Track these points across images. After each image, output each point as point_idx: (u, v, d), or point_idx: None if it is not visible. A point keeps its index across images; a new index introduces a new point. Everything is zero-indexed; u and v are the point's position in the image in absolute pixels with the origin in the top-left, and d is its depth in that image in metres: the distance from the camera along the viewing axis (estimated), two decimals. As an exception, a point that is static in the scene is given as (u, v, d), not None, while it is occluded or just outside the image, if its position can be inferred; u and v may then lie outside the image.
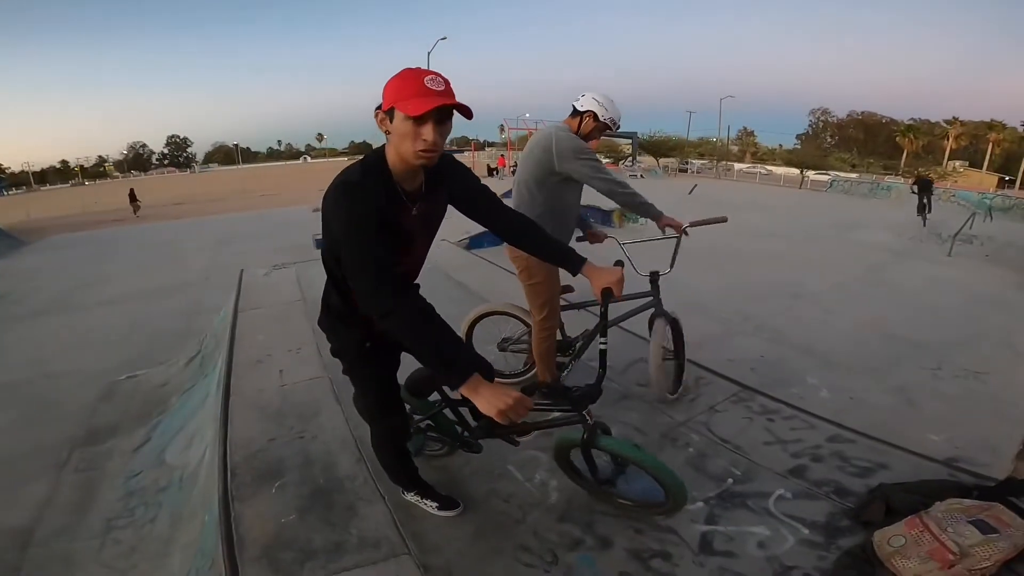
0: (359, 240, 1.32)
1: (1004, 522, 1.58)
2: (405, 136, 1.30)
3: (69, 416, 4.28)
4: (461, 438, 2.04)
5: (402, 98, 1.27)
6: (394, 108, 1.29)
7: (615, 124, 2.57)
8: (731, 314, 6.78)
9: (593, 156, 2.54)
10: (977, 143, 52.38)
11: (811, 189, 29.33)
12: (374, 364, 1.70)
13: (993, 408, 4.56)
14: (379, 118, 1.34)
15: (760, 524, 1.95)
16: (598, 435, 1.76)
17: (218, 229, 15.66)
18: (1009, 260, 10.59)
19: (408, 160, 1.35)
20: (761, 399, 2.91)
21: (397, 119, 1.29)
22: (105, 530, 2.89)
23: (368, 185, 1.35)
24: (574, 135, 2.52)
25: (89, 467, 3.53)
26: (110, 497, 3.19)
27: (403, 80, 1.28)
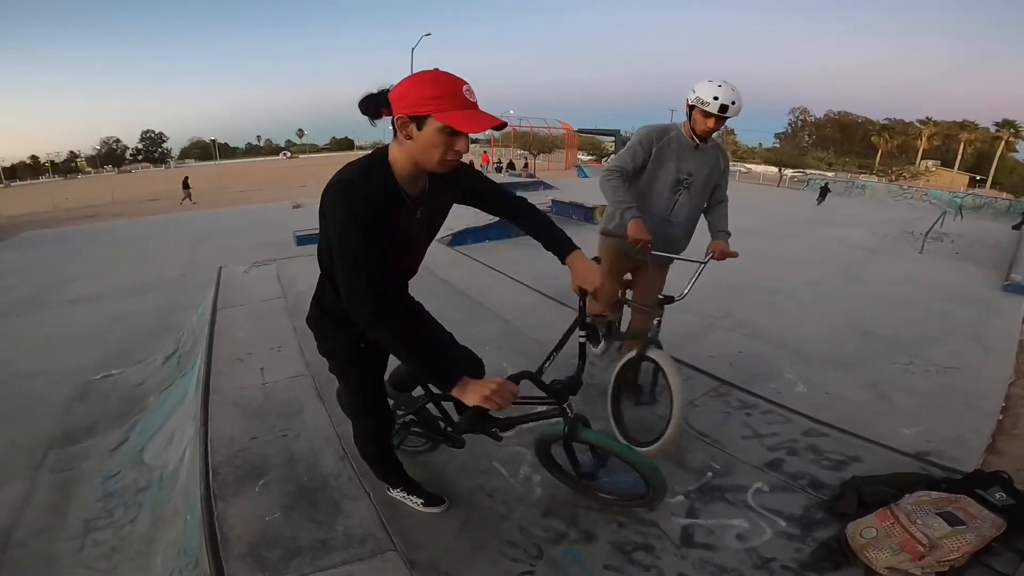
0: (353, 242, 1.28)
1: (971, 514, 1.64)
2: (435, 146, 1.25)
3: (44, 416, 4.18)
4: (444, 433, 2.04)
5: (443, 108, 1.20)
6: (430, 116, 1.21)
7: (703, 103, 2.33)
8: (710, 309, 6.88)
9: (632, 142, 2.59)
10: (949, 143, 53.80)
11: (789, 187, 29.88)
12: (365, 364, 1.69)
13: (963, 402, 4.70)
14: (400, 122, 1.26)
15: (739, 517, 2.00)
16: (579, 428, 1.76)
17: (195, 226, 15.35)
18: (978, 257, 10.95)
19: (428, 168, 1.32)
20: (739, 394, 2.97)
21: (430, 128, 1.23)
22: (85, 531, 2.84)
23: (370, 187, 1.30)
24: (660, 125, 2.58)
25: (66, 468, 3.45)
26: (88, 498, 3.13)
27: (439, 87, 1.21)
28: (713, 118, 2.35)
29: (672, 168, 2.55)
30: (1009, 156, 51.28)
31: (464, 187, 1.60)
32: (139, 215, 19.74)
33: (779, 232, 13.41)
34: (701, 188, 2.63)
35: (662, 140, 2.53)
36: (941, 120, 54.74)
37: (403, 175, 1.36)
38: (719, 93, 2.28)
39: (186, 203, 22.90)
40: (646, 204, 2.62)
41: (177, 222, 16.74)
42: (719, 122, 2.37)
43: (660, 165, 2.56)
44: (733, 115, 2.34)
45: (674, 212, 2.64)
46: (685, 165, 2.54)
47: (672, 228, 2.69)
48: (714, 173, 2.62)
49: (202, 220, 16.73)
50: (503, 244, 9.24)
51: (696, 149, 2.52)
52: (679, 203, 2.63)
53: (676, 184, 2.58)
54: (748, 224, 13.97)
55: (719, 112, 2.31)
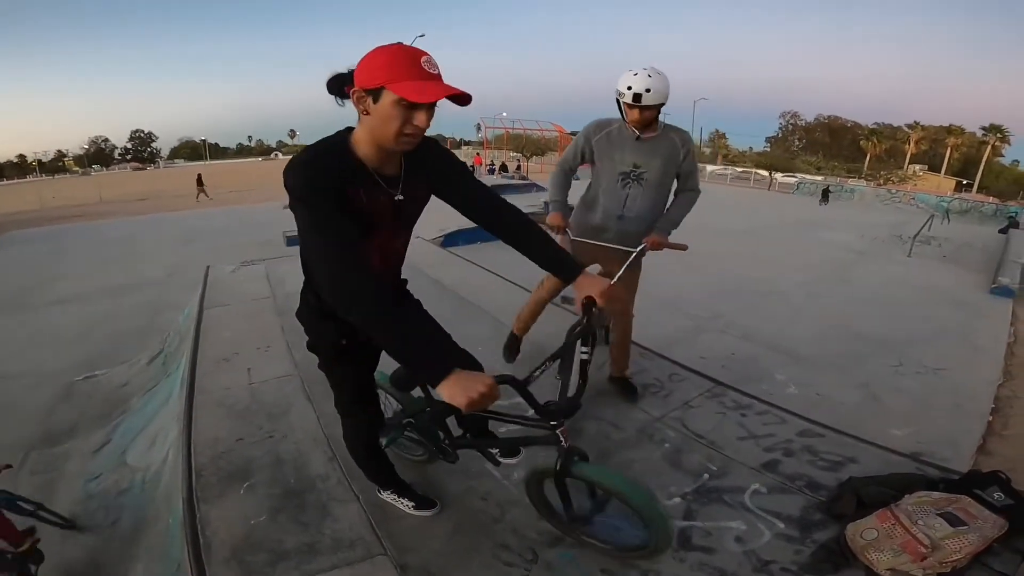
0: (315, 224, 1.21)
1: (971, 514, 1.62)
2: (391, 119, 1.18)
3: (25, 418, 4.09)
4: (439, 444, 1.91)
5: (396, 79, 1.14)
6: (384, 88, 1.16)
7: (620, 94, 2.31)
8: (703, 312, 6.91)
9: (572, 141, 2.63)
10: (936, 147, 54.49)
11: (779, 191, 30.14)
12: (349, 362, 1.63)
13: (953, 403, 4.74)
14: (356, 96, 1.20)
15: (737, 519, 1.97)
16: (574, 461, 1.54)
17: (183, 225, 15.17)
18: (965, 260, 11.09)
19: (386, 145, 1.25)
20: (734, 394, 2.95)
21: (386, 101, 1.17)
22: (65, 534, 2.77)
23: (322, 162, 1.24)
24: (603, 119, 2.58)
25: (47, 469, 3.37)
26: (69, 500, 3.06)
27: (395, 57, 1.15)
28: (636, 108, 2.30)
29: (615, 160, 2.50)
30: (995, 160, 52.03)
31: (438, 172, 1.48)
32: (127, 214, 19.48)
33: (769, 235, 13.52)
34: (658, 180, 2.52)
35: (599, 134, 2.51)
36: (929, 124, 55.53)
37: (370, 154, 1.29)
38: (632, 82, 2.26)
39: (202, 198, 22.80)
40: (597, 201, 2.62)
41: (165, 222, 16.53)
42: (643, 112, 2.31)
43: (602, 159, 2.54)
44: (652, 102, 2.27)
45: (627, 207, 2.57)
46: (629, 156, 2.47)
47: (626, 224, 2.60)
48: (671, 163, 2.50)
49: (190, 220, 16.54)
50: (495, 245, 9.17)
51: (639, 140, 2.45)
52: (630, 196, 2.54)
53: (624, 177, 2.52)
54: (739, 227, 14.11)
55: (633, 101, 2.27)
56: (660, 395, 2.93)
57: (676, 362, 3.34)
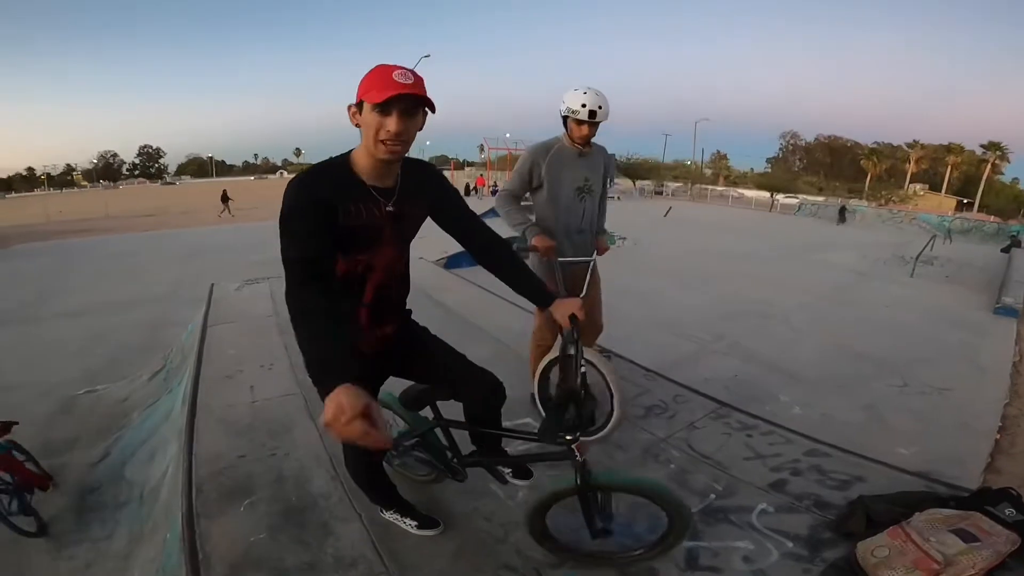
0: (287, 232, 1.31)
1: (984, 530, 1.60)
2: (371, 127, 1.29)
3: (24, 429, 4.04)
4: (448, 463, 1.91)
5: (370, 90, 1.27)
6: (363, 101, 1.29)
7: (573, 111, 2.40)
8: (705, 333, 6.88)
9: (514, 170, 2.66)
10: (936, 166, 54.67)
11: (780, 212, 30.24)
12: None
13: (959, 422, 4.69)
14: (351, 112, 1.34)
15: (744, 539, 1.94)
16: (590, 473, 1.55)
17: (188, 242, 15.27)
18: (968, 280, 11.05)
19: (374, 153, 1.33)
20: (738, 415, 2.93)
21: (365, 111, 1.29)
22: (58, 546, 2.74)
23: (315, 181, 1.34)
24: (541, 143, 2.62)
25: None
26: (66, 512, 3.04)
27: (373, 74, 1.29)
28: (586, 124, 2.42)
29: (569, 177, 2.59)
30: (995, 178, 52.10)
31: (435, 195, 1.57)
32: (132, 230, 19.62)
33: (771, 256, 13.52)
34: (599, 191, 2.71)
35: (548, 155, 2.56)
36: (928, 143, 55.76)
37: (366, 168, 1.38)
38: (585, 100, 2.36)
39: (224, 215, 22.87)
40: (558, 218, 2.65)
41: (170, 238, 16.65)
42: (592, 127, 2.44)
43: (557, 178, 2.58)
44: (603, 119, 2.41)
45: (584, 219, 2.69)
46: (580, 172, 2.60)
47: (582, 236, 2.73)
48: (605, 174, 2.70)
49: (194, 237, 16.65)
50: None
51: (581, 156, 2.58)
52: (587, 210, 2.68)
53: (579, 192, 2.63)
54: (741, 249, 14.14)
55: (588, 118, 2.38)
56: (664, 416, 2.91)
57: (680, 383, 3.32)
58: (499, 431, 1.82)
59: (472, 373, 1.72)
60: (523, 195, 2.71)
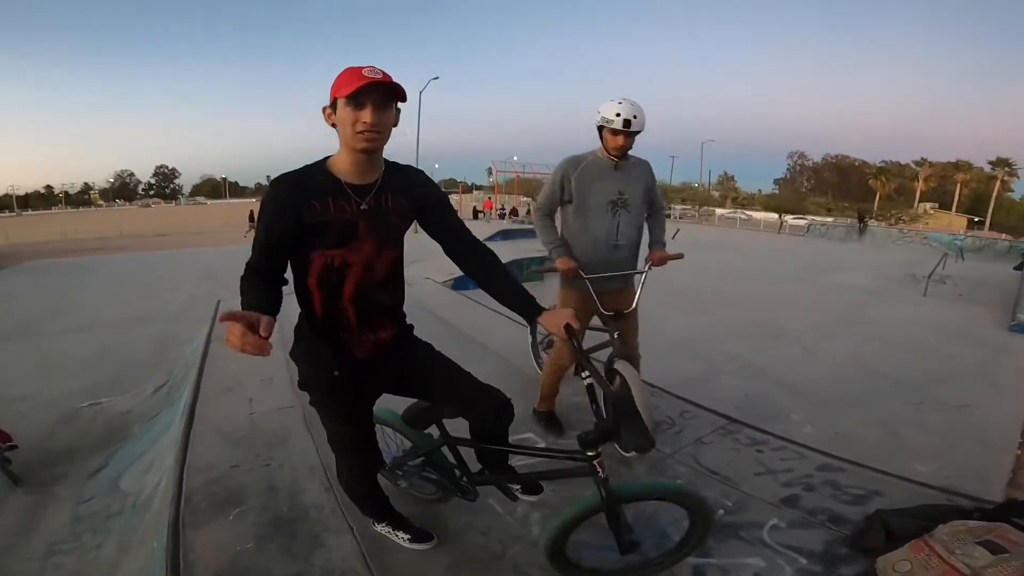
0: (258, 220, 1.42)
1: (1013, 541, 1.50)
2: (346, 122, 1.34)
3: (25, 439, 4.03)
4: (457, 482, 1.85)
5: (342, 87, 1.32)
6: (337, 99, 1.34)
7: (608, 121, 2.39)
8: (715, 353, 6.77)
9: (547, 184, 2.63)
10: (945, 184, 53.88)
11: (789, 233, 30.10)
12: (344, 395, 1.56)
13: (978, 438, 4.54)
14: (326, 113, 1.39)
15: (755, 555, 1.84)
16: (613, 488, 1.50)
17: (198, 262, 15.42)
18: (982, 299, 10.85)
19: (353, 146, 1.37)
20: (748, 431, 2.84)
21: (339, 108, 1.34)
22: (47, 553, 2.69)
23: (292, 178, 1.39)
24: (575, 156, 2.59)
25: (38, 491, 3.31)
26: (57, 521, 2.99)
27: (344, 74, 1.34)
28: (621, 134, 2.39)
29: (601, 190, 2.53)
30: (1005, 195, 51.46)
31: (423, 198, 1.55)
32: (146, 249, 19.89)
33: (781, 277, 13.38)
34: (638, 205, 2.62)
35: (578, 167, 2.53)
36: (936, 161, 55.16)
37: (343, 167, 1.42)
38: (620, 109, 2.35)
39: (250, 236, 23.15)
40: (587, 233, 2.58)
41: (182, 257, 16.84)
42: (627, 138, 2.41)
43: (587, 191, 2.53)
44: (638, 128, 2.39)
45: (619, 235, 2.60)
46: (613, 185, 2.54)
47: (619, 252, 2.64)
48: (646, 188, 2.64)
49: (206, 256, 16.82)
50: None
51: (616, 168, 2.53)
52: (621, 223, 2.59)
53: (612, 206, 2.55)
54: (750, 270, 14.03)
55: (623, 128, 2.36)
56: (672, 431, 2.83)
57: (687, 399, 3.25)
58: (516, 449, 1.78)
59: (480, 390, 1.66)
60: (554, 210, 2.66)
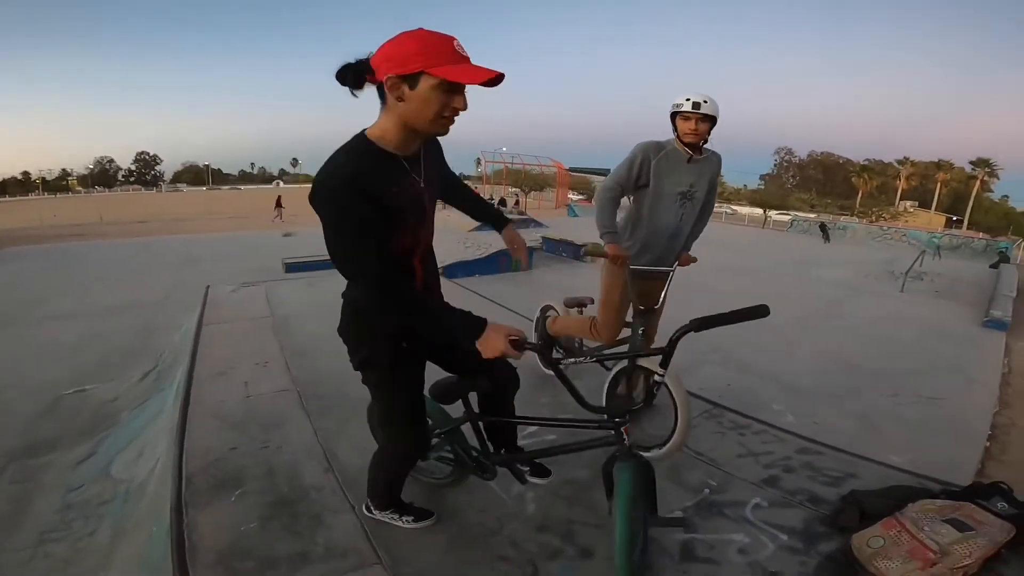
0: (346, 237, 1.24)
1: (978, 520, 1.60)
2: (431, 103, 1.19)
3: (7, 429, 4.00)
4: (477, 460, 1.86)
5: (435, 63, 1.14)
6: (423, 72, 1.15)
7: (679, 106, 2.45)
8: (699, 345, 6.86)
9: (624, 161, 2.60)
10: (926, 183, 54.79)
11: (773, 229, 30.49)
12: (408, 368, 1.57)
13: (951, 430, 4.72)
14: (390, 83, 1.18)
15: (739, 532, 1.94)
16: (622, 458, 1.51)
17: (182, 249, 15.18)
18: (957, 295, 11.16)
19: (422, 128, 1.26)
20: (731, 415, 2.95)
21: (424, 86, 1.17)
22: (37, 542, 2.68)
23: (356, 168, 1.23)
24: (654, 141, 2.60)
25: (25, 479, 3.29)
26: (45, 510, 2.97)
27: (429, 42, 1.15)
28: (692, 119, 2.43)
29: (675, 181, 2.57)
30: (984, 196, 52.45)
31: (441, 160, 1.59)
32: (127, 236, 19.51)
33: (764, 271, 13.57)
34: (703, 199, 2.67)
35: (659, 154, 2.55)
36: (918, 160, 55.95)
37: (393, 143, 1.30)
38: (689, 95, 2.44)
39: (277, 221, 23.07)
40: (655, 218, 2.62)
41: (163, 245, 16.55)
42: (699, 123, 2.44)
43: (662, 178, 2.56)
44: (709, 111, 2.43)
45: (681, 223, 2.66)
46: (686, 177, 2.58)
47: (676, 242, 2.71)
48: (712, 183, 2.68)
49: (189, 243, 16.56)
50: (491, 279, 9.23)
51: (690, 162, 2.56)
52: (685, 215, 2.65)
53: (682, 197, 2.60)
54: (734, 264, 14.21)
55: (693, 110, 2.41)
56: (658, 417, 2.91)
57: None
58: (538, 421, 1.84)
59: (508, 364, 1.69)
60: (624, 192, 2.63)
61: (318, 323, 4.27)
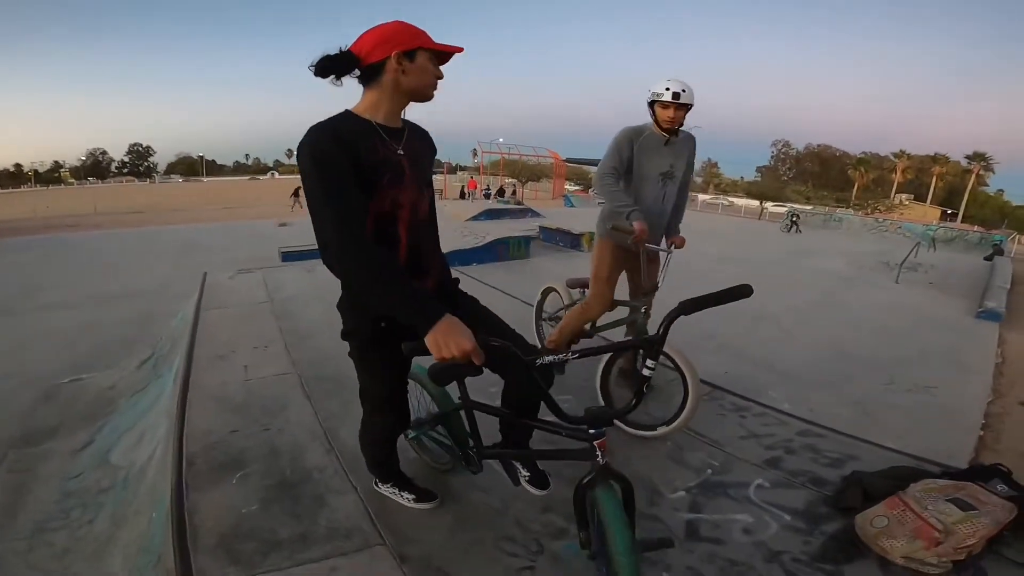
0: (316, 183, 1.29)
1: (981, 500, 1.61)
2: (427, 72, 1.43)
3: (5, 418, 3.97)
4: (466, 450, 1.80)
5: (428, 41, 1.41)
6: (420, 48, 1.40)
7: (658, 95, 2.53)
8: (696, 333, 6.91)
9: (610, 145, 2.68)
10: (922, 176, 54.97)
11: (770, 220, 30.54)
12: (385, 351, 1.56)
13: (944, 418, 4.76)
14: (396, 59, 1.38)
15: (743, 512, 1.95)
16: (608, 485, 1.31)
17: (178, 239, 15.08)
18: (951, 287, 11.22)
19: (423, 93, 1.46)
20: (732, 398, 2.97)
21: (423, 58, 1.41)
22: (35, 532, 2.66)
23: (335, 126, 1.36)
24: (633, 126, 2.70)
25: (23, 468, 3.26)
26: (44, 499, 2.95)
27: (411, 27, 1.42)
28: (671, 107, 2.54)
29: (655, 163, 2.70)
30: (980, 190, 52.60)
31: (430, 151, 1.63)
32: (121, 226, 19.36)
33: (760, 261, 13.61)
34: (681, 179, 2.81)
35: (640, 137, 2.67)
36: (914, 153, 56.18)
37: (378, 114, 1.45)
38: (669, 84, 2.54)
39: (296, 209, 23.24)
40: (641, 199, 2.73)
41: (159, 235, 16.43)
42: (677, 110, 2.55)
43: (644, 160, 2.69)
44: (688, 101, 2.55)
45: (664, 203, 2.79)
46: (665, 159, 2.71)
47: (662, 219, 2.84)
48: (688, 163, 2.82)
49: (184, 234, 16.45)
50: (488, 267, 9.23)
51: (667, 144, 2.69)
52: (667, 194, 2.79)
53: (663, 177, 2.74)
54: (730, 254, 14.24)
55: (673, 100, 2.51)
56: (660, 398, 2.92)
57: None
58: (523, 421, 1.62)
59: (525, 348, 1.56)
60: (622, 172, 2.72)
61: (318, 308, 4.25)
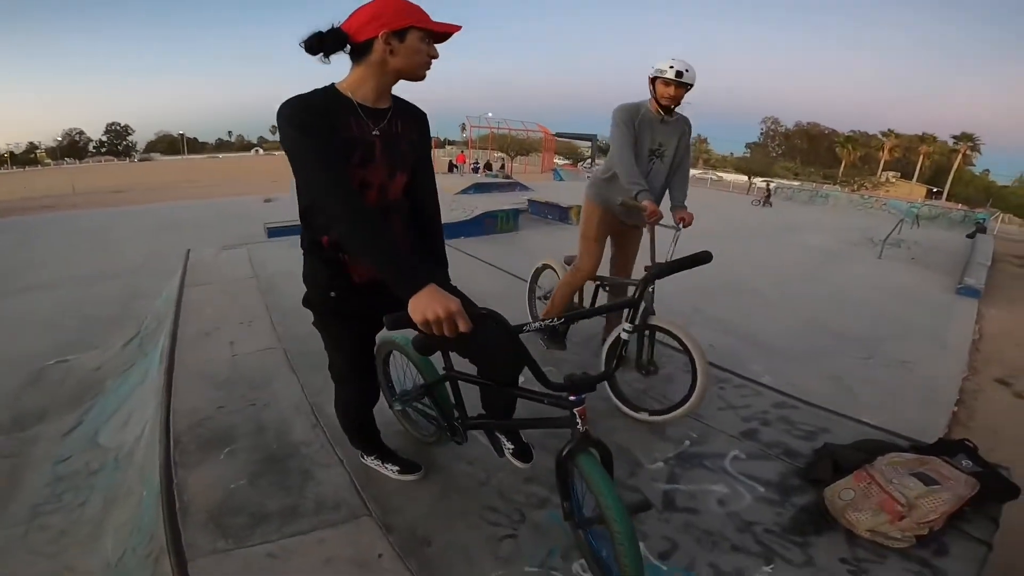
0: (307, 133, 1.29)
1: (943, 475, 1.68)
2: (418, 52, 1.37)
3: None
4: (451, 421, 1.83)
5: (421, 20, 1.35)
6: (411, 27, 1.34)
7: (661, 72, 2.56)
8: (684, 307, 7.00)
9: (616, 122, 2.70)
10: (909, 155, 55.27)
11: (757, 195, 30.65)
12: (343, 321, 1.60)
13: (920, 394, 4.90)
14: (385, 39, 1.33)
15: (718, 483, 2.01)
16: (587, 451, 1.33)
17: (159, 217, 14.82)
18: (933, 263, 11.43)
19: (418, 75, 1.42)
20: (712, 370, 3.00)
21: (413, 38, 1.35)
22: (31, 516, 2.68)
23: (312, 97, 1.35)
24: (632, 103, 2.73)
25: (12, 454, 3.25)
26: (36, 483, 2.95)
27: (404, 4, 1.35)
28: (673, 85, 2.57)
29: (647, 140, 2.74)
30: (965, 169, 53.10)
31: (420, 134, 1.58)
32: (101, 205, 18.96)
33: (746, 236, 13.74)
34: (671, 158, 2.84)
35: (638, 115, 2.71)
36: (902, 133, 56.43)
37: (361, 92, 1.41)
38: (673, 63, 2.56)
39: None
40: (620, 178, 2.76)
41: (141, 213, 16.13)
42: (677, 88, 2.59)
43: (640, 138, 2.74)
44: (689, 81, 2.58)
45: (651, 179, 2.80)
46: (657, 137, 2.75)
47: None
48: (681, 144, 2.85)
49: (167, 211, 16.16)
50: (476, 240, 9.22)
51: (662, 122, 2.73)
52: (653, 171, 2.82)
53: (651, 154, 2.78)
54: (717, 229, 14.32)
55: (676, 78, 2.54)
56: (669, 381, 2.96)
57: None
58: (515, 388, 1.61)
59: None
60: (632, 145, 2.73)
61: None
